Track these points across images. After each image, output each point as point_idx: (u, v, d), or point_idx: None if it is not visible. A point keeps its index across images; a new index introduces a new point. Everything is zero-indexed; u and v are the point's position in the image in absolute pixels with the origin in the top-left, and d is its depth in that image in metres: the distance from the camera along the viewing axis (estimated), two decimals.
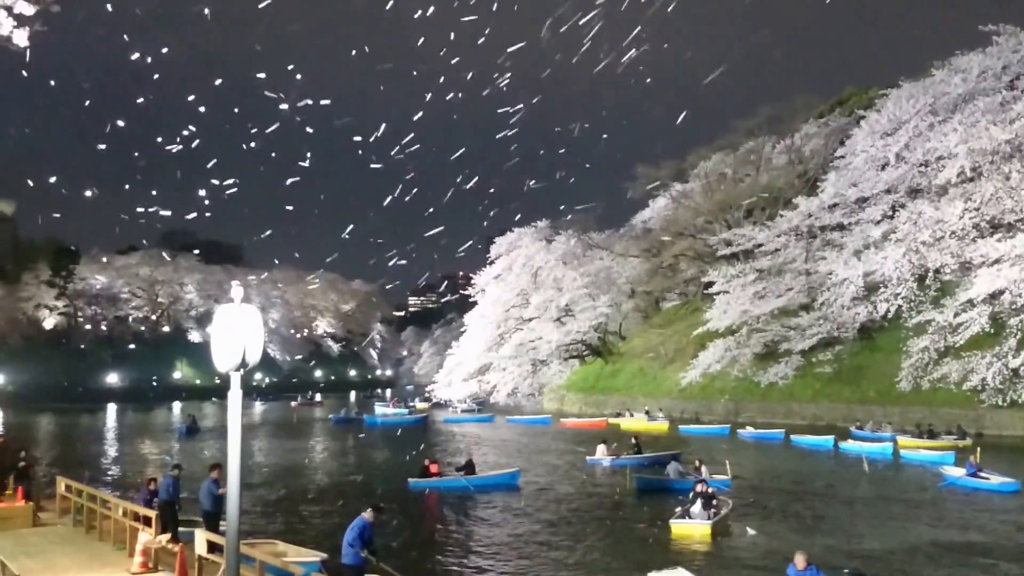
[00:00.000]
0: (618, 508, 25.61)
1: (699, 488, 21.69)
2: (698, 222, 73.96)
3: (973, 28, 54.01)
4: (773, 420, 52.68)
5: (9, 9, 13.89)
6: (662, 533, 20.94)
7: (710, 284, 63.91)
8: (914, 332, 48.79)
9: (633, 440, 37.46)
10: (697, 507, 21.03)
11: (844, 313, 53.28)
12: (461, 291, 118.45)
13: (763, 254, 61.22)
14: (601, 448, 36.22)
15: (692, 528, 20.59)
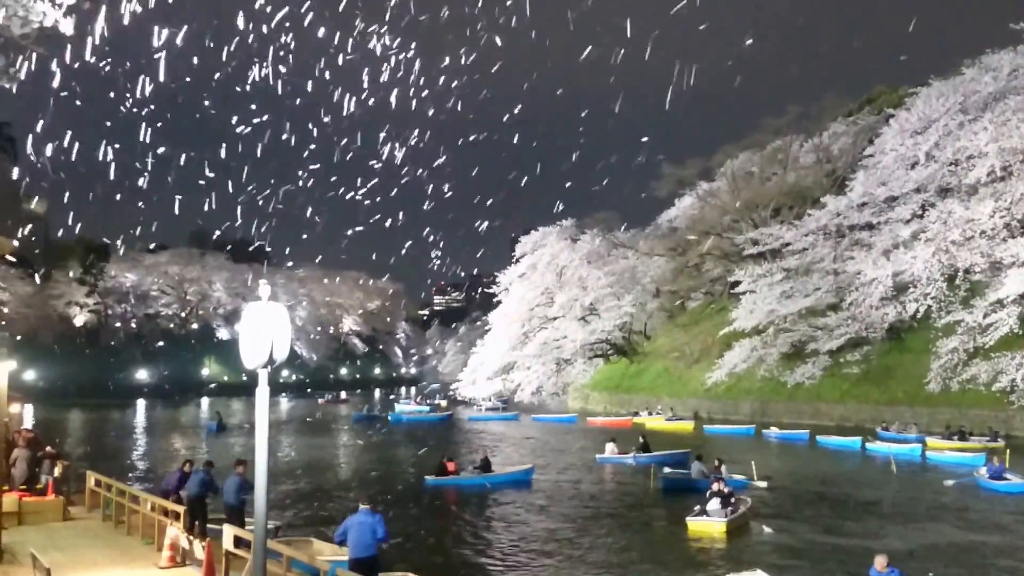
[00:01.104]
0: (637, 506, 25.60)
1: (716, 487, 21.74)
2: (725, 221, 73.51)
3: (1004, 26, 53.24)
4: (800, 421, 52.27)
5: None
6: (679, 531, 20.94)
7: (736, 283, 63.52)
8: (943, 332, 48.20)
9: (641, 439, 37.77)
10: (714, 505, 21.06)
11: (872, 313, 52.72)
12: (486, 290, 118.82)
13: (790, 253, 60.72)
14: (610, 446, 37.02)
15: (708, 526, 20.61)
